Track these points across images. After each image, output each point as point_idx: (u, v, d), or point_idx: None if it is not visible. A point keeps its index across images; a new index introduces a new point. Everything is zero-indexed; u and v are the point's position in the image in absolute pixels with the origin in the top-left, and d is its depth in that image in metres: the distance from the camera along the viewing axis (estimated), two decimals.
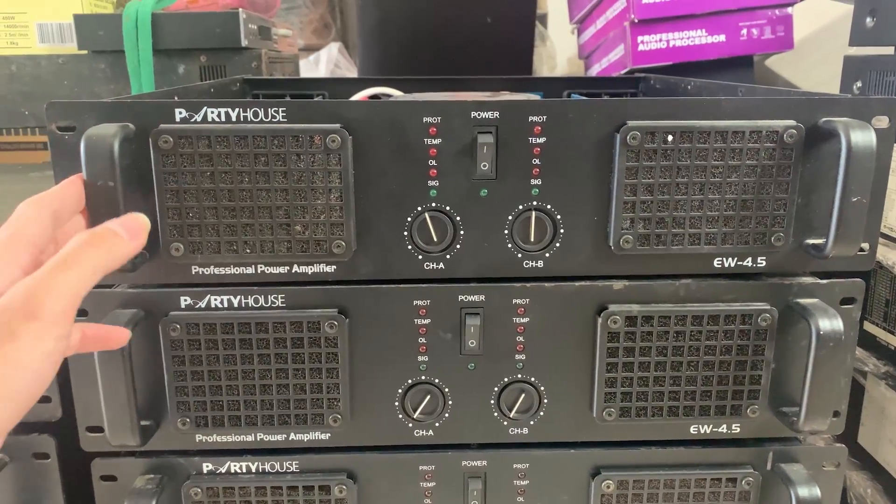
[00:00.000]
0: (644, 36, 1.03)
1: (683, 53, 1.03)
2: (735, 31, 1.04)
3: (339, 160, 0.44)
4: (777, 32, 1.05)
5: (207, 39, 0.89)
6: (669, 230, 0.47)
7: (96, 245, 0.37)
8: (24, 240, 0.37)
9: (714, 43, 1.04)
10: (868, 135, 0.43)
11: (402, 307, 0.48)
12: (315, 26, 2.14)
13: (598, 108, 0.45)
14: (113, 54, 0.89)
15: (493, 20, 1.10)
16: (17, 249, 0.36)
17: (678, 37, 1.04)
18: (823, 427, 0.48)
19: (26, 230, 0.37)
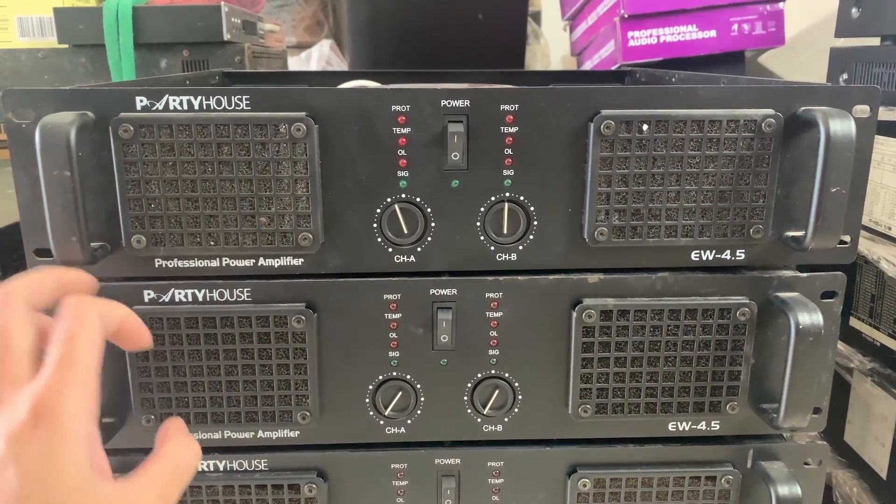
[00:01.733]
0: (634, 31, 1.02)
1: (674, 49, 1.02)
2: (726, 26, 1.03)
3: (305, 149, 0.43)
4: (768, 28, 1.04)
5: (189, 33, 0.87)
6: (645, 222, 0.45)
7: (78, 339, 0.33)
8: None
9: (705, 38, 1.03)
10: (847, 124, 0.42)
11: (373, 301, 0.47)
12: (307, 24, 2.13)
13: (571, 97, 0.44)
14: (94, 48, 0.87)
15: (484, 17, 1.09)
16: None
17: (668, 32, 1.03)
18: (803, 424, 0.46)
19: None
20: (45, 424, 0.31)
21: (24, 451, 0.30)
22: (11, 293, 0.34)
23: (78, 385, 0.32)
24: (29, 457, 0.30)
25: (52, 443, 0.31)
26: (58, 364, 0.33)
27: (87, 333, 0.34)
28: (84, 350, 0.34)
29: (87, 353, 0.34)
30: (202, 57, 0.88)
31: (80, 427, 0.32)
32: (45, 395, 0.31)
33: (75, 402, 0.32)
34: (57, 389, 0.32)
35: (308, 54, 1.77)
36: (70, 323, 0.34)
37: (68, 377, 0.32)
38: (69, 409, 0.32)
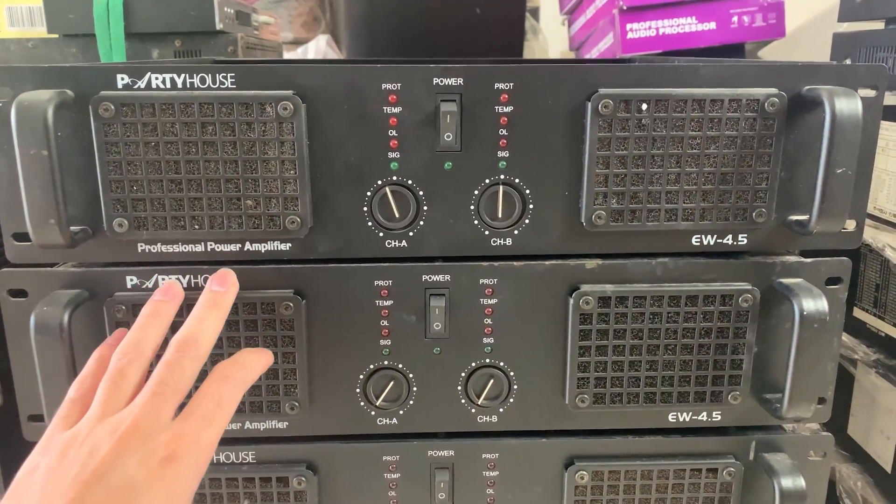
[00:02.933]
0: (633, 24, 1.01)
1: (673, 41, 1.00)
2: (726, 18, 1.02)
3: (293, 129, 0.42)
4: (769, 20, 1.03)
5: (182, 23, 0.86)
6: (644, 205, 0.44)
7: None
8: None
9: (705, 30, 1.02)
10: (853, 102, 0.41)
11: (363, 288, 0.45)
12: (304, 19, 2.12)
13: (568, 75, 0.43)
14: (84, 38, 0.86)
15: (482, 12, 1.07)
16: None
17: (668, 24, 1.02)
18: (808, 414, 0.45)
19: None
20: (186, 460, 0.34)
21: (156, 476, 0.32)
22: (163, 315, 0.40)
23: (217, 436, 0.36)
24: (157, 486, 0.32)
25: (181, 481, 0.33)
26: (220, 402, 0.37)
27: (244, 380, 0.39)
28: (236, 396, 0.38)
29: (235, 400, 0.38)
30: (194, 47, 0.87)
31: (201, 474, 0.35)
32: (199, 431, 0.35)
33: (210, 450, 0.35)
34: (211, 429, 0.36)
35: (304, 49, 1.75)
36: (233, 371, 0.38)
37: (221, 421, 0.36)
38: (209, 453, 0.35)
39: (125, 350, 0.37)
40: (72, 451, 0.33)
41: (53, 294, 0.43)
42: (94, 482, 0.31)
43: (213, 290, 0.41)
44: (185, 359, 0.37)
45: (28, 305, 0.43)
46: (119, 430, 0.33)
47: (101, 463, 0.32)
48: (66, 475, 0.32)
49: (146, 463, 0.32)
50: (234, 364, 0.39)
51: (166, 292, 0.41)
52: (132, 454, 0.32)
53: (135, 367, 0.37)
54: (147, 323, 0.39)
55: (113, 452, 0.32)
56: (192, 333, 0.38)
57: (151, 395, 0.35)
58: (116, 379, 0.36)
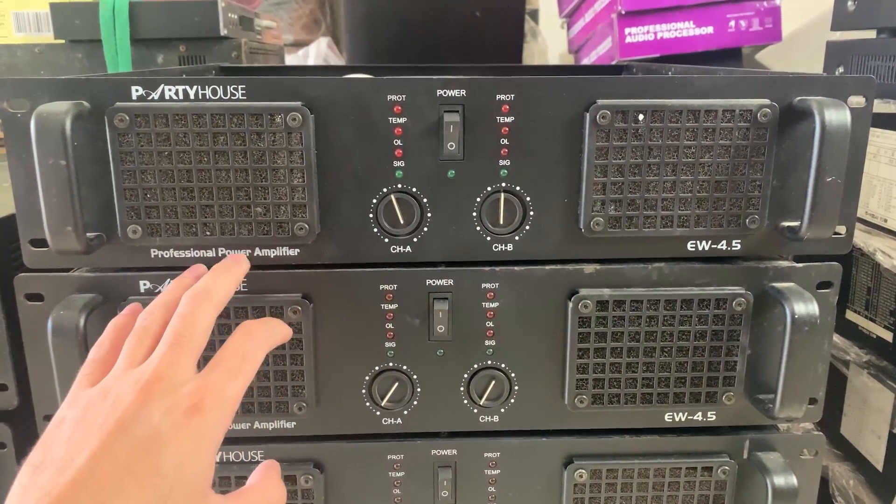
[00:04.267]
0: (631, 28, 1.02)
1: (671, 45, 1.02)
2: (723, 22, 1.03)
3: (301, 139, 0.43)
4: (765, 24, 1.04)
5: (186, 28, 0.87)
6: (641, 212, 0.45)
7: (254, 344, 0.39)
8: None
9: (702, 35, 1.03)
10: (842, 113, 0.42)
11: (369, 292, 0.47)
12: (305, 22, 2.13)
13: (567, 87, 0.44)
14: (90, 44, 0.87)
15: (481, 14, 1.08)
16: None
17: (666, 29, 1.03)
18: (799, 414, 0.47)
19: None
20: (212, 412, 0.34)
21: (182, 426, 0.33)
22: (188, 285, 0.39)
23: (242, 390, 0.36)
24: (183, 435, 0.32)
25: (207, 432, 0.33)
26: (245, 356, 0.37)
27: (267, 340, 0.39)
28: (260, 353, 0.38)
29: (259, 357, 0.38)
30: (199, 52, 0.88)
31: (226, 427, 0.35)
32: (224, 383, 0.35)
33: (235, 403, 0.35)
34: (236, 383, 0.36)
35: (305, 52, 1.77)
36: (257, 329, 0.39)
37: (246, 375, 0.36)
38: (233, 406, 0.35)
39: (151, 310, 0.38)
40: (96, 404, 0.33)
41: (69, 298, 0.44)
42: (119, 431, 0.32)
43: (228, 258, 0.42)
44: (199, 309, 0.37)
45: (45, 309, 0.45)
46: (142, 381, 0.33)
47: (126, 412, 0.32)
48: (92, 425, 0.32)
49: (171, 413, 0.33)
50: (259, 322, 0.39)
51: (193, 271, 0.42)
52: (156, 404, 0.33)
53: (158, 324, 0.37)
54: (173, 289, 0.40)
55: (137, 402, 0.32)
56: (204, 285, 0.38)
57: (168, 347, 0.35)
58: (141, 335, 0.37)
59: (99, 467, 0.30)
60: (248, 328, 0.38)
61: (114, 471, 0.30)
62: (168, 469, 0.31)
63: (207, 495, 0.33)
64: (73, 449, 0.31)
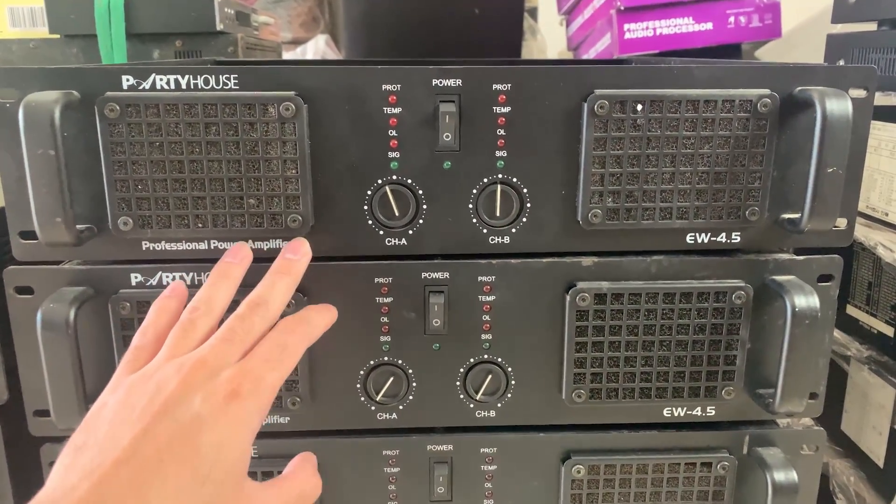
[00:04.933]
0: (630, 24, 1.02)
1: (670, 41, 1.01)
2: (723, 18, 1.03)
3: (294, 129, 0.42)
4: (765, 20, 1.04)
5: (182, 23, 0.87)
6: (639, 204, 0.45)
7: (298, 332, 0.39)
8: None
9: (701, 31, 1.03)
10: (844, 103, 0.42)
11: (364, 285, 0.46)
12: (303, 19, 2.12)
13: (565, 76, 0.44)
14: (86, 38, 0.87)
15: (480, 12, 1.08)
16: None
17: (665, 24, 1.02)
18: (799, 409, 0.46)
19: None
20: (250, 398, 0.34)
21: (221, 411, 0.33)
22: (232, 276, 0.40)
23: (280, 381, 0.36)
24: (222, 420, 0.33)
25: (245, 418, 0.34)
26: (285, 348, 0.37)
27: (308, 335, 0.39)
28: (301, 347, 0.38)
29: (300, 351, 0.38)
30: (195, 47, 0.88)
31: (264, 415, 0.35)
32: (263, 372, 0.35)
33: (273, 392, 0.36)
34: (274, 373, 0.36)
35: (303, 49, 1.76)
36: (297, 325, 0.39)
37: (285, 366, 0.37)
38: (271, 396, 0.35)
39: (196, 305, 0.39)
40: (139, 388, 0.34)
41: (59, 291, 0.44)
42: (162, 415, 0.32)
43: (286, 258, 0.41)
44: (256, 315, 0.38)
45: (34, 302, 0.44)
46: (186, 367, 0.34)
47: (169, 397, 0.33)
48: (135, 409, 0.33)
49: (211, 398, 0.33)
50: (300, 319, 0.40)
51: (235, 254, 0.42)
52: (198, 389, 0.33)
53: (204, 320, 0.38)
54: (217, 282, 0.40)
55: (180, 388, 0.33)
56: (264, 294, 0.39)
57: (219, 341, 0.36)
58: (187, 327, 0.37)
59: (140, 448, 0.31)
60: (289, 324, 0.39)
61: (154, 451, 0.31)
62: (207, 451, 0.32)
63: (244, 480, 0.34)
64: (116, 430, 0.32)
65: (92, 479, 0.30)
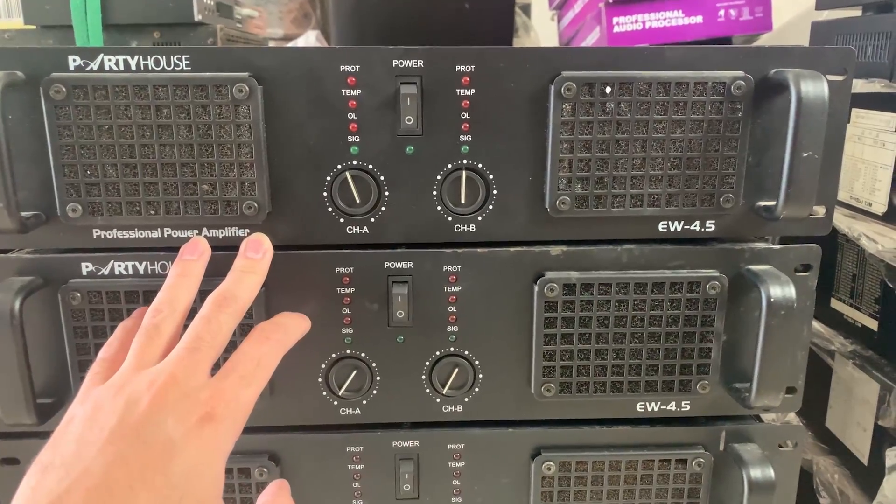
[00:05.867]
0: (619, 17, 1.00)
1: (660, 35, 0.99)
2: (713, 11, 1.01)
3: (249, 112, 0.41)
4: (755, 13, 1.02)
5: (160, 14, 0.85)
6: (609, 191, 0.43)
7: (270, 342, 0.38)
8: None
9: (691, 24, 1.01)
10: (819, 85, 0.40)
11: (324, 275, 0.45)
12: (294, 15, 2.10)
13: (530, 57, 0.42)
14: (62, 29, 0.84)
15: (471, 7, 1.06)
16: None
17: (654, 18, 1.01)
18: (776, 403, 0.44)
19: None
20: (224, 421, 0.33)
21: (194, 434, 0.31)
22: (192, 274, 0.39)
23: (255, 397, 0.35)
24: (194, 444, 0.31)
25: (218, 441, 0.32)
26: (259, 362, 0.36)
27: (282, 343, 0.38)
28: (275, 358, 0.37)
29: (274, 363, 0.37)
30: (173, 39, 0.86)
31: (237, 436, 0.34)
32: (237, 390, 0.34)
33: (248, 411, 0.34)
34: (249, 389, 0.34)
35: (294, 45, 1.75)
36: (272, 332, 0.38)
37: (259, 382, 0.35)
38: (245, 415, 0.34)
39: (158, 307, 0.37)
40: (108, 402, 0.32)
41: (6, 280, 0.42)
42: (133, 437, 0.31)
43: (248, 258, 0.40)
44: (222, 314, 0.36)
45: None
46: (157, 384, 0.32)
47: (140, 416, 0.31)
48: (104, 427, 0.31)
49: (184, 420, 0.32)
50: (274, 326, 0.38)
51: (193, 249, 0.40)
52: (170, 410, 0.32)
53: (168, 323, 0.36)
54: (177, 283, 0.38)
55: (151, 406, 0.32)
56: (230, 289, 0.37)
57: (188, 350, 0.34)
58: (151, 333, 0.36)
59: (110, 472, 0.30)
60: (264, 333, 0.37)
61: (125, 478, 0.30)
62: (179, 479, 0.31)
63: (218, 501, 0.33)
64: (84, 449, 0.30)
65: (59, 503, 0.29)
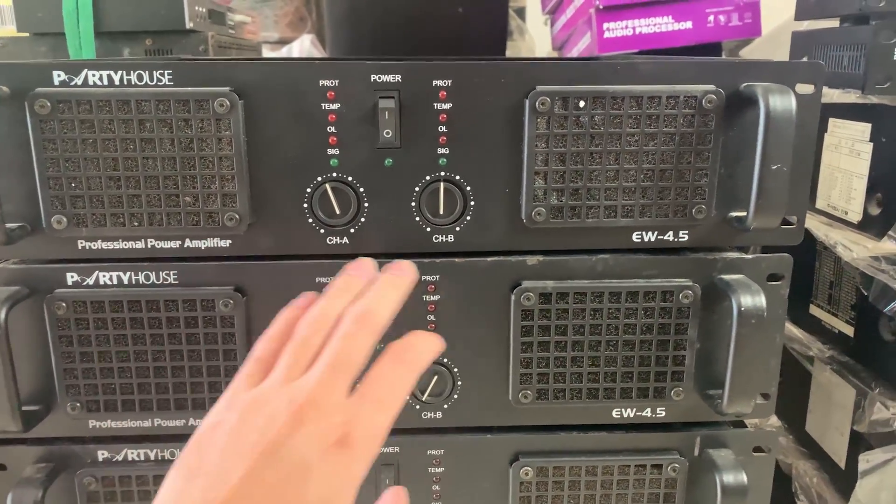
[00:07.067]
0: (609, 23, 1.01)
1: (650, 41, 1.00)
2: (702, 17, 1.02)
3: (230, 126, 0.42)
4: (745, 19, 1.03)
5: (152, 21, 0.86)
6: (584, 202, 0.44)
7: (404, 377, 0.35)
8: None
9: (681, 30, 1.02)
10: (787, 99, 0.41)
11: (305, 284, 0.45)
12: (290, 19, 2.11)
13: (506, 72, 0.43)
14: (55, 37, 0.86)
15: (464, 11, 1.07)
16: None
17: (644, 24, 1.02)
18: (748, 410, 0.45)
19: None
20: (360, 448, 0.32)
21: (330, 459, 0.31)
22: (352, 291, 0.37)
23: (390, 424, 0.34)
24: (329, 469, 0.31)
25: (353, 469, 0.32)
26: (393, 390, 0.34)
27: (418, 364, 0.36)
28: (412, 381, 0.35)
29: (410, 385, 0.35)
30: (165, 46, 0.87)
31: (371, 462, 0.33)
32: (374, 417, 0.33)
33: (383, 437, 0.33)
34: (386, 416, 0.33)
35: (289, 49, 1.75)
36: (406, 348, 0.36)
37: (396, 409, 0.34)
38: (380, 443, 0.33)
39: (314, 318, 0.36)
40: (252, 415, 0.32)
41: None
42: (270, 454, 0.31)
43: (391, 274, 0.38)
44: (363, 332, 0.35)
45: None
46: (296, 403, 0.32)
47: (278, 434, 0.31)
48: (246, 441, 0.31)
49: (320, 442, 0.31)
50: (409, 347, 0.37)
51: (358, 268, 0.39)
52: (307, 430, 0.32)
53: (320, 337, 0.36)
54: (338, 295, 0.37)
55: (289, 424, 0.31)
56: (372, 306, 0.35)
57: (328, 368, 0.33)
58: (302, 347, 0.35)
59: (249, 490, 0.30)
60: (399, 355, 0.36)
61: (262, 496, 0.30)
62: (312, 501, 0.31)
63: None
64: (227, 462, 0.31)
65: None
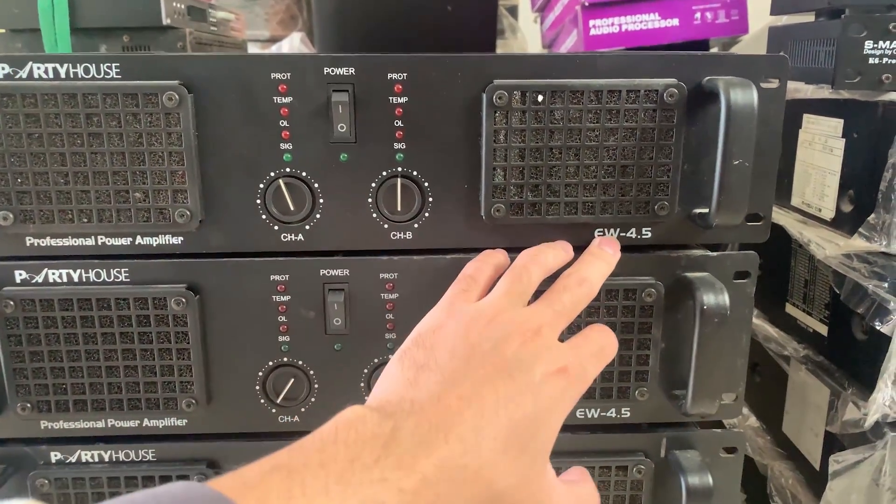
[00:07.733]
0: (595, 20, 0.99)
1: (636, 38, 0.99)
2: (689, 14, 1.00)
3: (179, 120, 0.41)
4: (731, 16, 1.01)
5: (128, 17, 0.84)
6: (543, 198, 0.43)
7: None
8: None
9: (668, 27, 1.01)
10: (749, 93, 0.40)
11: (259, 282, 0.45)
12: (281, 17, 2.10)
13: (462, 66, 0.42)
14: (31, 33, 0.84)
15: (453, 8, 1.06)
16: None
17: (630, 21, 1.00)
18: (712, 410, 0.44)
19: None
20: (575, 382, 0.34)
21: (551, 383, 0.33)
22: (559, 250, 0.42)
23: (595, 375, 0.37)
24: (549, 392, 0.33)
25: (567, 398, 0.34)
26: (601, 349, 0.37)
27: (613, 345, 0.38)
28: (610, 354, 0.38)
29: (609, 357, 0.38)
30: (143, 43, 0.85)
31: (575, 400, 0.35)
32: (588, 364, 0.36)
33: (587, 384, 0.36)
34: (595, 369, 0.36)
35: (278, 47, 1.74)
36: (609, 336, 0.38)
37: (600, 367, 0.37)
38: (584, 389, 0.35)
39: (533, 255, 0.40)
40: (481, 327, 0.34)
41: None
42: (503, 367, 0.33)
43: (601, 248, 0.42)
44: (580, 289, 0.38)
45: None
46: (527, 329, 0.34)
47: (512, 353, 0.33)
48: (476, 349, 0.33)
49: (546, 366, 0.33)
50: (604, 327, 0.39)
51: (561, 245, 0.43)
52: (536, 357, 0.34)
53: (537, 270, 0.39)
54: (546, 248, 0.42)
55: (522, 348, 0.34)
56: (585, 274, 0.39)
57: (554, 311, 0.36)
58: (522, 273, 0.38)
59: (480, 391, 0.32)
60: (601, 330, 0.38)
61: (492, 399, 0.32)
62: (532, 417, 0.32)
63: (548, 460, 0.34)
64: (456, 361, 0.33)
65: (438, 405, 0.31)
